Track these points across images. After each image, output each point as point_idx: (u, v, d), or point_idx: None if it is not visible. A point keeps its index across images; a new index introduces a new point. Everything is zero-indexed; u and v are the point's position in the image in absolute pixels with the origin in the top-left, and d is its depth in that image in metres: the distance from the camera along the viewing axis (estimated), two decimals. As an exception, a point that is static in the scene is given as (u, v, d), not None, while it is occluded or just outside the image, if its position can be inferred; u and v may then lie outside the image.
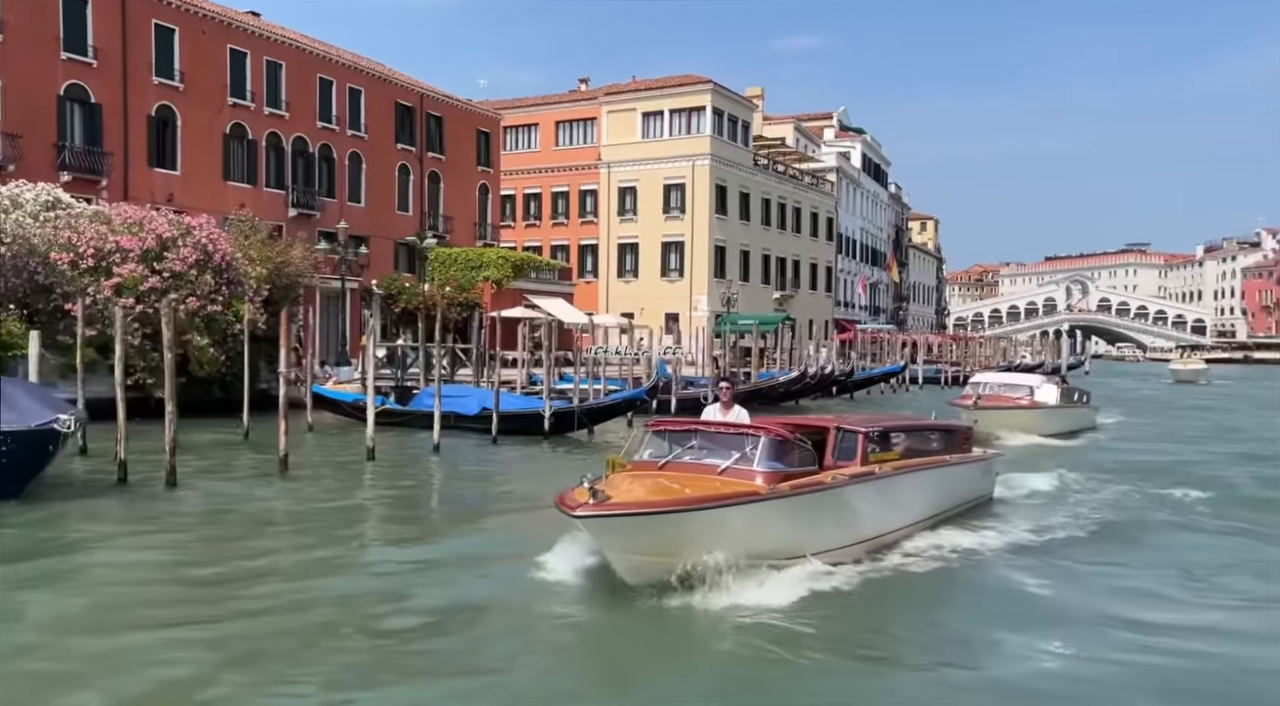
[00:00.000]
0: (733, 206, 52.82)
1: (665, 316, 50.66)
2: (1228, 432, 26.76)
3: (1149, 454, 20.78)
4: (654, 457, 9.33)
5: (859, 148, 74.71)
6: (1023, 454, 19.17)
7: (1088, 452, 20.99)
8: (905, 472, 10.83)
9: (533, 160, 54.78)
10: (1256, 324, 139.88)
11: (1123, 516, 13.00)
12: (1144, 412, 34.35)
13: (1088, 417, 26.50)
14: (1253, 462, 19.46)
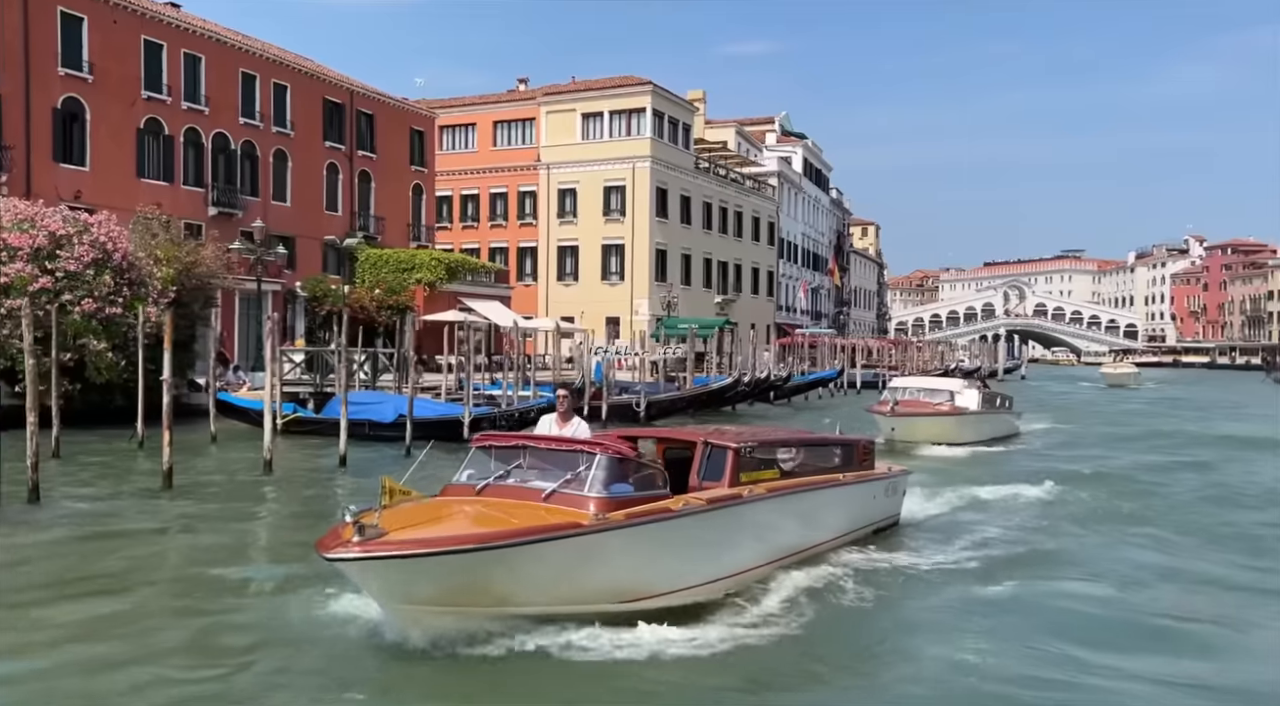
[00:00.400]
0: (674, 209, 52.34)
1: (606, 320, 50.00)
2: (1153, 437, 26.44)
3: (1071, 461, 20.17)
4: (472, 480, 7.95)
5: (800, 152, 74.91)
6: (940, 464, 18.40)
7: (1008, 462, 20.18)
8: (782, 495, 9.47)
9: (470, 161, 53.68)
10: (1185, 329, 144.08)
11: (1036, 537, 12.08)
12: (1072, 417, 34.07)
13: (1010, 424, 25.63)
14: (1177, 470, 19.15)
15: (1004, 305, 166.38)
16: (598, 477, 7.58)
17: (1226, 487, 16.93)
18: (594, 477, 7.58)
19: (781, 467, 9.83)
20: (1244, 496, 16.04)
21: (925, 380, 26.97)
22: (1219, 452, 22.68)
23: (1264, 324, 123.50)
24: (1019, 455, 21.62)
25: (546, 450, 8.04)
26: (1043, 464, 19.48)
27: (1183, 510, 14.43)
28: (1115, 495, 15.27)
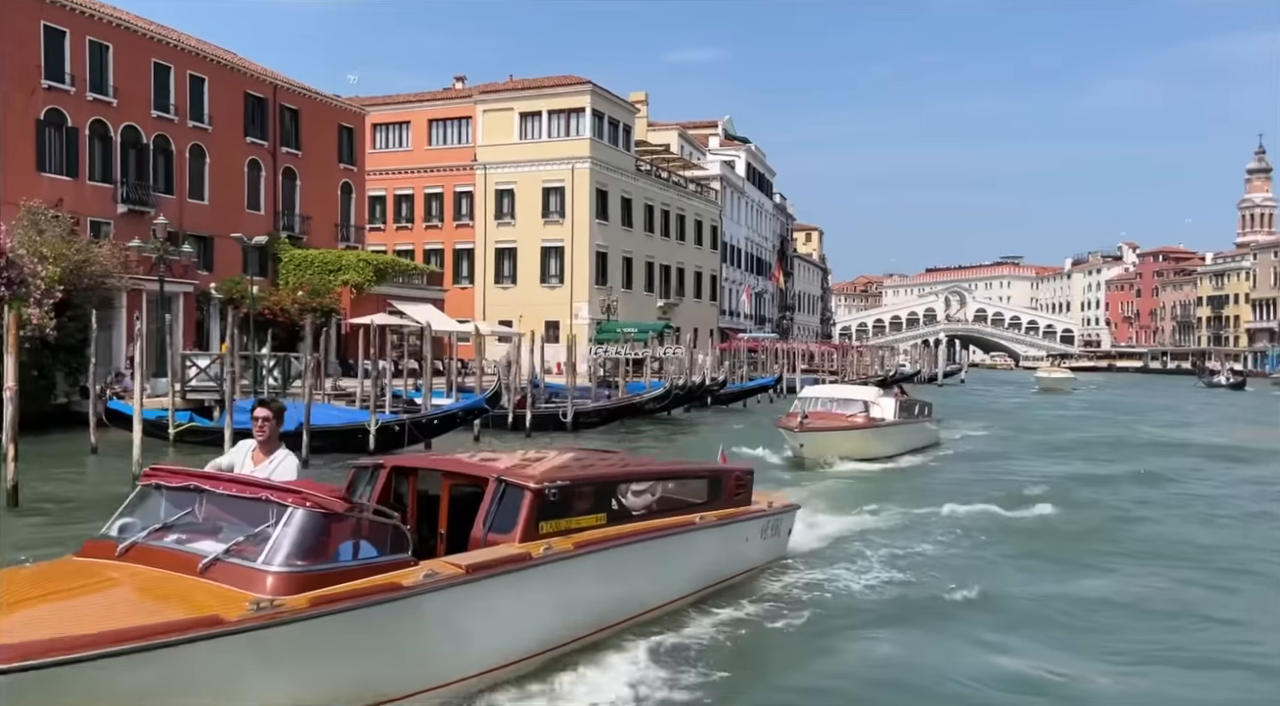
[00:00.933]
0: (614, 212, 51.38)
1: (545, 324, 48.74)
2: (1084, 446, 25.52)
3: (992, 474, 19.01)
4: (124, 534, 5.70)
5: (743, 157, 74.57)
6: (848, 483, 17.07)
7: (923, 477, 18.75)
8: (603, 550, 7.25)
9: (404, 160, 52.12)
10: (1119, 334, 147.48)
11: (941, 574, 10.25)
12: (1001, 424, 33.20)
13: (930, 433, 24.18)
14: (1107, 483, 17.99)
15: (945, 310, 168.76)
16: (285, 541, 5.36)
17: (1159, 502, 15.96)
18: (279, 541, 5.36)
19: (613, 509, 7.70)
20: (1178, 511, 15.17)
21: (837, 389, 24.06)
22: (1151, 460, 21.94)
23: (1194, 329, 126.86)
24: (938, 469, 20.34)
25: (227, 496, 5.70)
26: (962, 478, 18.22)
27: (1109, 530, 13.23)
28: (1038, 514, 14.07)
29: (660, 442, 24.19)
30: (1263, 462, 22.39)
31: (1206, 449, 25.23)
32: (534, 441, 22.89)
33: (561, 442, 22.10)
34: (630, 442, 23.40)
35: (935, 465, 20.84)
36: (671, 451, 22.27)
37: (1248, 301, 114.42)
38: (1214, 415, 41.90)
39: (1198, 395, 62.22)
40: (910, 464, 20.60)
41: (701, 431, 27.15)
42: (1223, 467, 21.32)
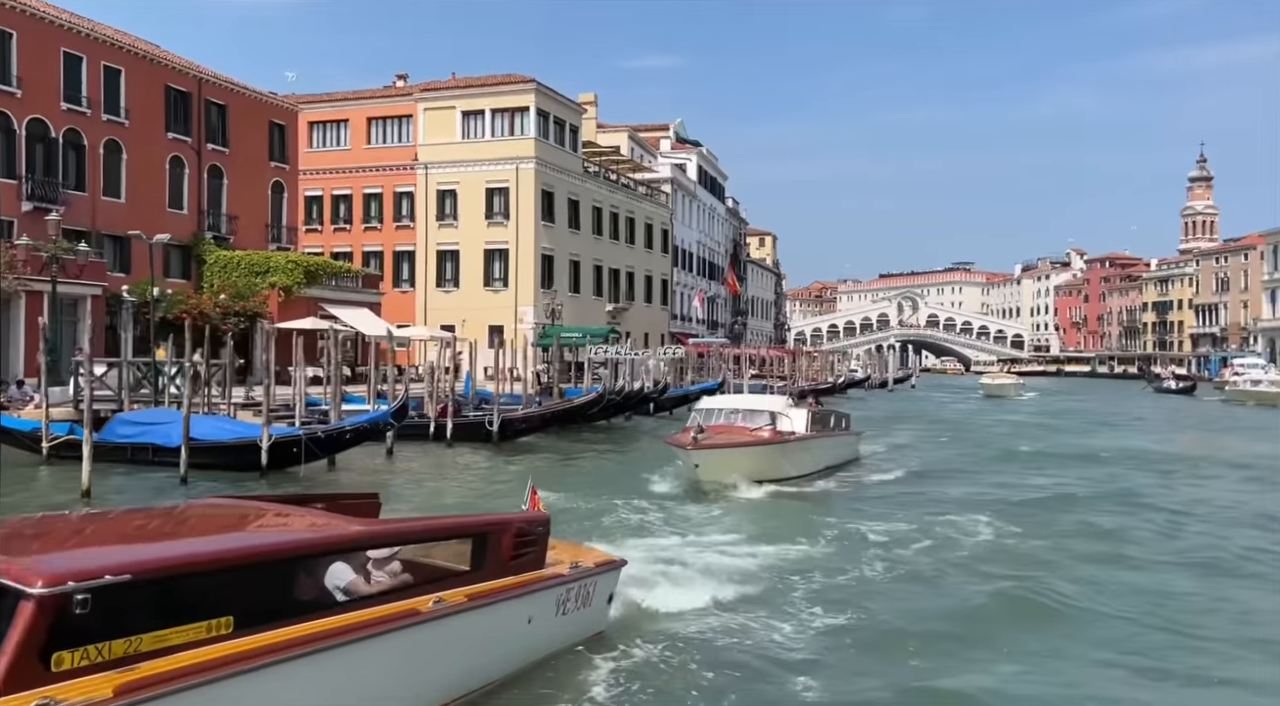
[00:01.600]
0: (561, 214, 50.09)
1: (489, 328, 47.27)
2: (1023, 458, 23.68)
3: (911, 499, 16.62)
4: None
5: (695, 160, 73.75)
6: (740, 512, 14.38)
7: (832, 504, 16.15)
8: (193, 687, 4.44)
9: (342, 159, 50.33)
10: (1067, 339, 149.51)
11: (827, 651, 7.96)
12: (936, 434, 31.17)
13: (849, 449, 21.83)
14: (1038, 509, 15.62)
15: (898, 316, 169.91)
16: None
17: (1102, 531, 13.72)
18: None
19: (253, 607, 4.92)
20: (1122, 545, 12.84)
21: (741, 399, 21.13)
22: (1095, 474, 20.52)
23: (1139, 334, 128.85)
24: (852, 492, 17.79)
25: None
26: (877, 507, 15.73)
27: (1042, 574, 10.83)
28: (963, 550, 11.99)
29: (581, 455, 22.63)
30: (1223, 476, 21.33)
31: (1161, 459, 24.19)
32: (455, 453, 21.44)
33: (480, 454, 20.80)
34: (550, 456, 21.79)
35: (849, 488, 18.27)
36: (578, 468, 20.40)
37: (1191, 307, 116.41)
38: (1164, 421, 41.56)
39: (1146, 400, 62.30)
40: (824, 486, 18.16)
41: (638, 439, 25.95)
42: (1179, 482, 20.21)
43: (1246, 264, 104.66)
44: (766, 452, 17.36)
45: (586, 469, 20.15)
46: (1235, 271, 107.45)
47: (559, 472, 18.94)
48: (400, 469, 18.98)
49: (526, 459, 20.46)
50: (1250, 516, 15.72)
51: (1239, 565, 11.96)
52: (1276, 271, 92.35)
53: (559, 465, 20.49)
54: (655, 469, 18.57)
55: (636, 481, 17.55)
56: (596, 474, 19.07)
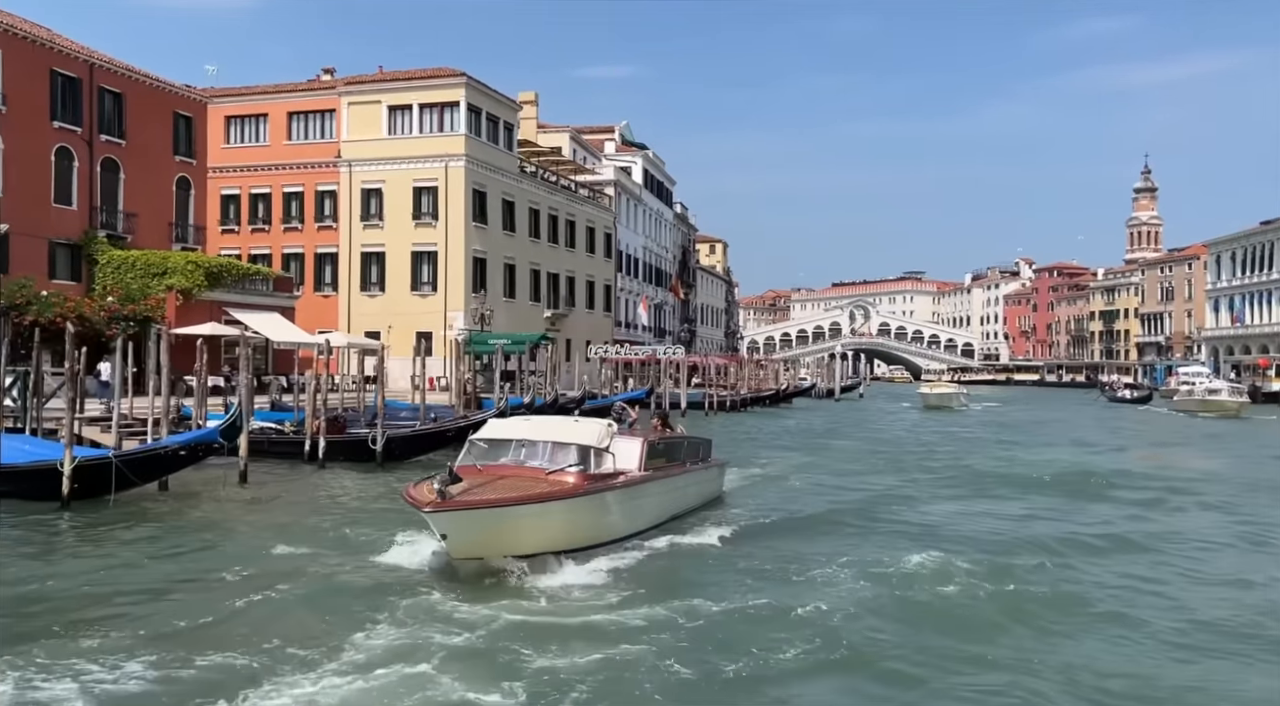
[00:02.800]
0: (494, 215, 47.73)
1: (416, 335, 44.70)
2: (950, 488, 19.67)
3: (769, 563, 11.99)
4: None
5: (640, 163, 71.82)
6: (482, 624, 9.03)
7: (663, 581, 11.05)
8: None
9: (261, 155, 47.50)
10: (1016, 347, 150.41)
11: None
12: (854, 456, 26.48)
13: (705, 486, 16.45)
14: (933, 577, 11.21)
15: (850, 324, 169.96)
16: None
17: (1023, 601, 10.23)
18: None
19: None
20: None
21: (539, 425, 13.48)
22: (1025, 510, 16.75)
23: (1087, 343, 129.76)
24: (697, 555, 12.67)
25: None
26: (723, 571, 11.64)
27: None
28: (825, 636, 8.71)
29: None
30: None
31: (1144, 481, 20.73)
32: (324, 477, 18.75)
33: (353, 479, 18.37)
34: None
35: (695, 546, 13.04)
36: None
37: (1137, 316, 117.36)
38: (1130, 436, 38.86)
39: (1100, 410, 60.48)
40: (656, 551, 12.56)
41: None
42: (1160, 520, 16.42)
43: (1190, 273, 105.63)
44: (566, 510, 11.32)
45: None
46: (1179, 281, 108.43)
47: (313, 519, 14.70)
48: (245, 497, 16.21)
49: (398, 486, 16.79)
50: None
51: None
52: (1219, 281, 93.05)
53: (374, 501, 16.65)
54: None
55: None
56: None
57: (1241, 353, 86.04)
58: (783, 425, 41.05)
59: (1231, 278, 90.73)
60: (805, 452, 27.49)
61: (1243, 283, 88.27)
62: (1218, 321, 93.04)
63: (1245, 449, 31.86)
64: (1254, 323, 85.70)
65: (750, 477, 20.78)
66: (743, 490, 19.00)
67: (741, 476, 20.49)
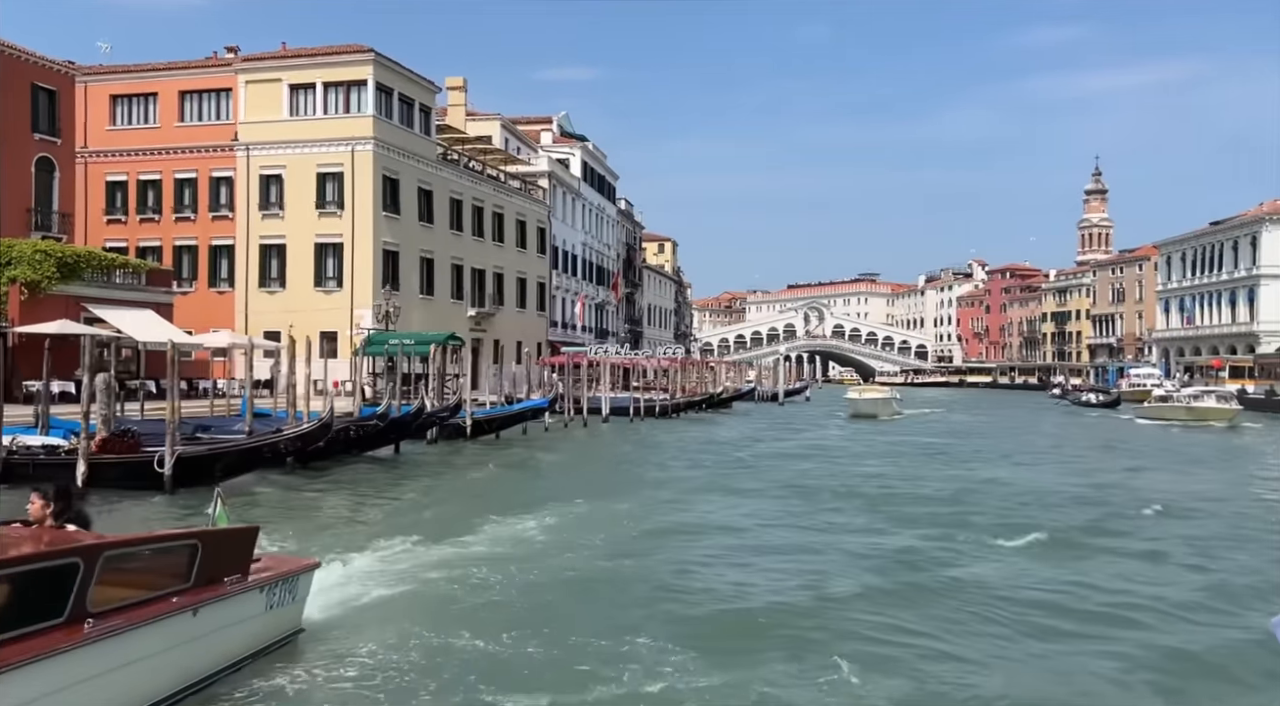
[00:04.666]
0: (409, 204, 44.04)
1: (320, 335, 40.89)
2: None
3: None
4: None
5: (579, 155, 68.45)
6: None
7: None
8: None
9: (151, 138, 43.34)
10: (970, 349, 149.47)
11: None
12: (665, 496, 18.85)
13: (215, 638, 7.16)
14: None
15: (804, 326, 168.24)
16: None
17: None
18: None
19: None
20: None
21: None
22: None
23: (1039, 345, 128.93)
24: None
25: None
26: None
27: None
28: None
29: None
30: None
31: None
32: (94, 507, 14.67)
33: (126, 508, 14.70)
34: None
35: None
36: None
37: (1088, 317, 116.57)
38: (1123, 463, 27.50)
39: (1062, 416, 54.41)
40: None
41: (338, 491, 18.55)
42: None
43: (1141, 274, 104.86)
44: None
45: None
46: (1130, 282, 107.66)
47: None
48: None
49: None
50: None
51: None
52: (1170, 281, 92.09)
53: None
54: None
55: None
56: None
57: (1192, 353, 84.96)
58: (710, 434, 37.65)
59: (1182, 278, 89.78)
60: (687, 466, 24.32)
61: (1193, 283, 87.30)
62: (1168, 322, 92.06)
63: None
64: (1204, 323, 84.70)
65: (540, 531, 14.34)
66: (498, 559, 12.02)
67: (544, 525, 14.77)
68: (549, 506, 16.17)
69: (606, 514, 16.05)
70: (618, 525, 15.01)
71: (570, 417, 38.40)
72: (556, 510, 15.90)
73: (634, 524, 15.21)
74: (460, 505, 17.06)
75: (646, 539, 13.99)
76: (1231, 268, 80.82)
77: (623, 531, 14.48)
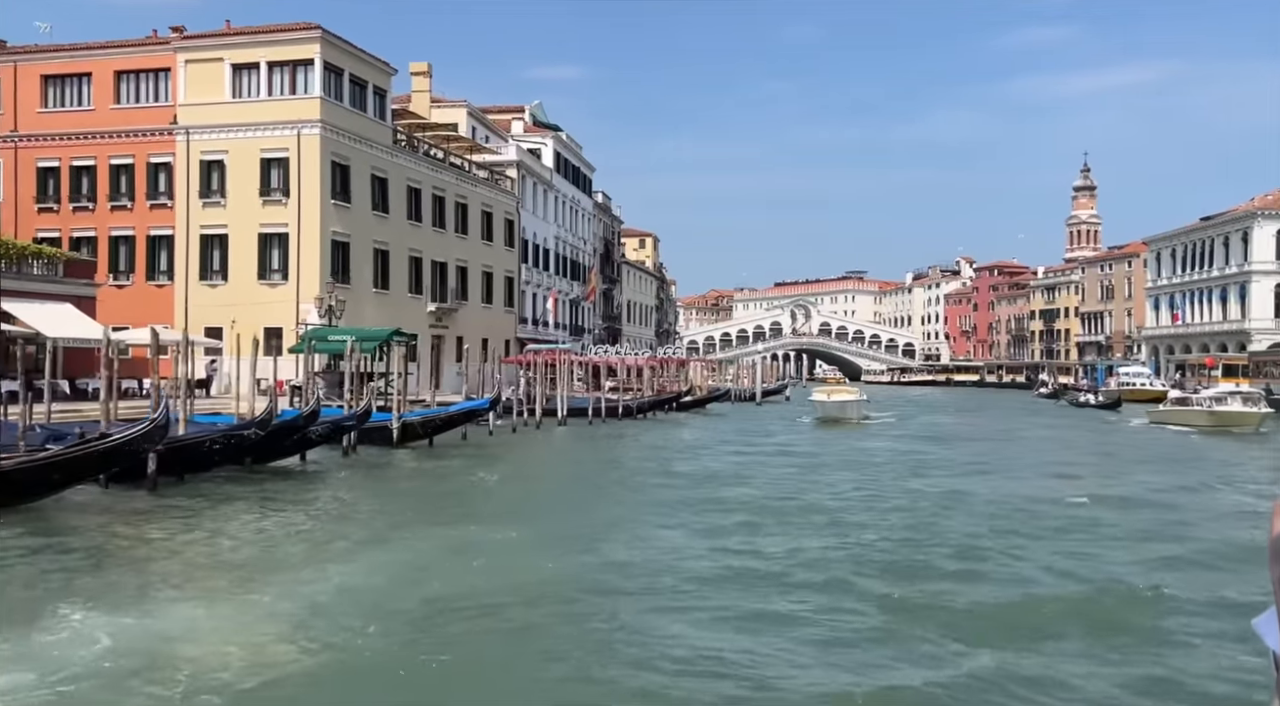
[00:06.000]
0: (361, 192, 41.61)
1: (265, 331, 38.45)
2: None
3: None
4: None
5: (551, 145, 66.05)
6: None
7: None
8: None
9: (85, 121, 40.78)
10: (957, 347, 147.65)
11: None
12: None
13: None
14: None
15: (791, 324, 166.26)
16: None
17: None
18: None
19: None
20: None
21: None
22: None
23: (1027, 343, 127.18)
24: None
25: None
26: None
27: None
28: None
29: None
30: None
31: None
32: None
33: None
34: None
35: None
36: None
37: (1077, 315, 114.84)
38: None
39: (1055, 419, 49.42)
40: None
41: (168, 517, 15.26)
42: None
43: (1130, 271, 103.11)
44: None
45: None
46: (1119, 279, 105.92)
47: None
48: None
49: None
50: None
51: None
52: (1159, 278, 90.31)
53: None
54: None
55: None
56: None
57: (1182, 352, 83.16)
58: (668, 439, 34.91)
59: (1171, 275, 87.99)
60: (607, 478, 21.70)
61: (1183, 280, 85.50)
62: (1158, 320, 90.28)
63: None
64: (1194, 321, 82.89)
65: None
66: None
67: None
68: (393, 542, 13.39)
69: (466, 549, 12.94)
70: (464, 569, 11.74)
71: (525, 419, 36.09)
72: (400, 548, 13.06)
73: (485, 572, 11.70)
74: (295, 544, 13.79)
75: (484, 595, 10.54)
76: (1222, 264, 79.02)
77: (468, 583, 11.07)
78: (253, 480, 19.95)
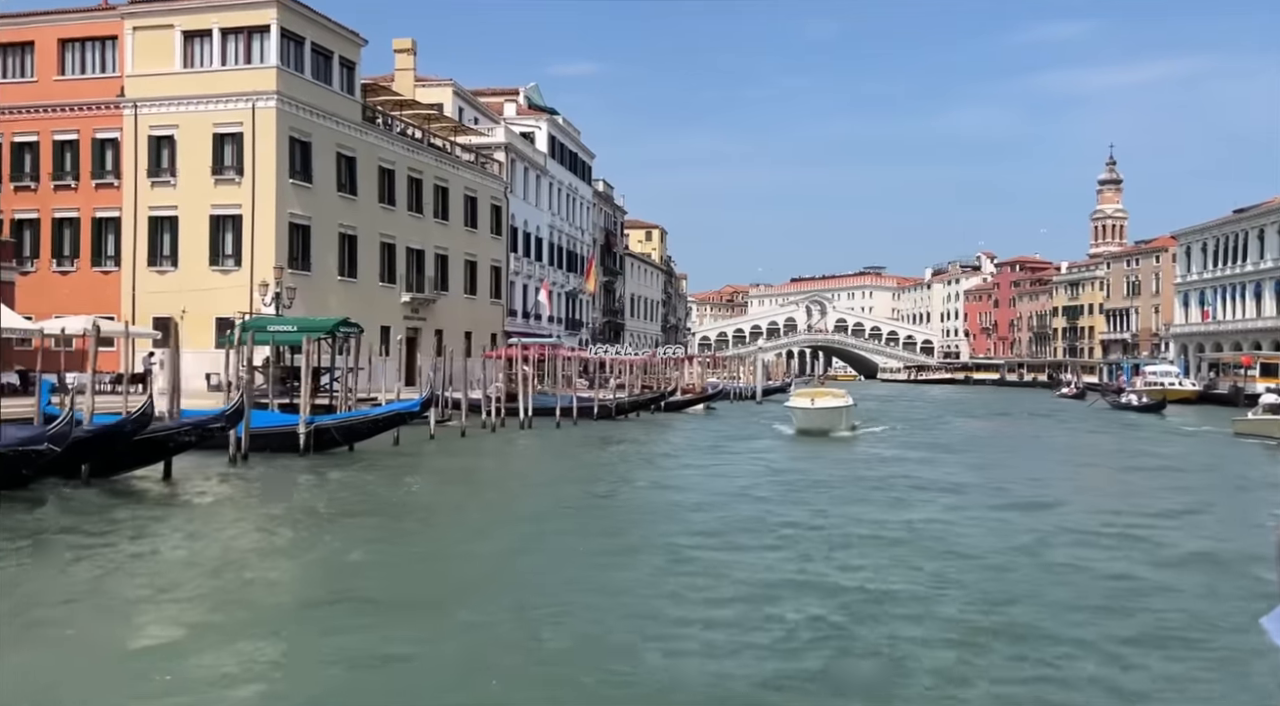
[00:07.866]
0: (324, 172, 38.54)
1: (216, 321, 35.57)
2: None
3: None
4: None
5: (545, 127, 62.79)
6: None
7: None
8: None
9: (26, 93, 37.93)
10: (977, 345, 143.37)
11: None
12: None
13: None
14: None
15: (806, 320, 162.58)
16: None
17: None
18: None
19: None
20: None
21: None
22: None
23: (1049, 340, 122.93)
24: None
25: None
26: None
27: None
28: None
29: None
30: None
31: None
32: None
33: None
34: None
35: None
36: None
37: (1101, 312, 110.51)
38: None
39: (1110, 427, 41.83)
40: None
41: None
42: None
43: (1158, 266, 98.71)
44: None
45: None
46: (1146, 274, 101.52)
47: None
48: None
49: None
50: None
51: None
52: (1189, 273, 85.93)
53: None
54: None
55: None
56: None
57: (1213, 349, 78.86)
58: (640, 448, 30.19)
59: (1202, 270, 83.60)
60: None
61: (1214, 275, 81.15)
62: (1187, 317, 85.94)
63: None
64: (1226, 318, 78.57)
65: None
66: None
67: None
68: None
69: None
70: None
71: (501, 420, 32.92)
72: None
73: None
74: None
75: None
76: (1256, 258, 74.70)
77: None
78: (62, 500, 15.44)
